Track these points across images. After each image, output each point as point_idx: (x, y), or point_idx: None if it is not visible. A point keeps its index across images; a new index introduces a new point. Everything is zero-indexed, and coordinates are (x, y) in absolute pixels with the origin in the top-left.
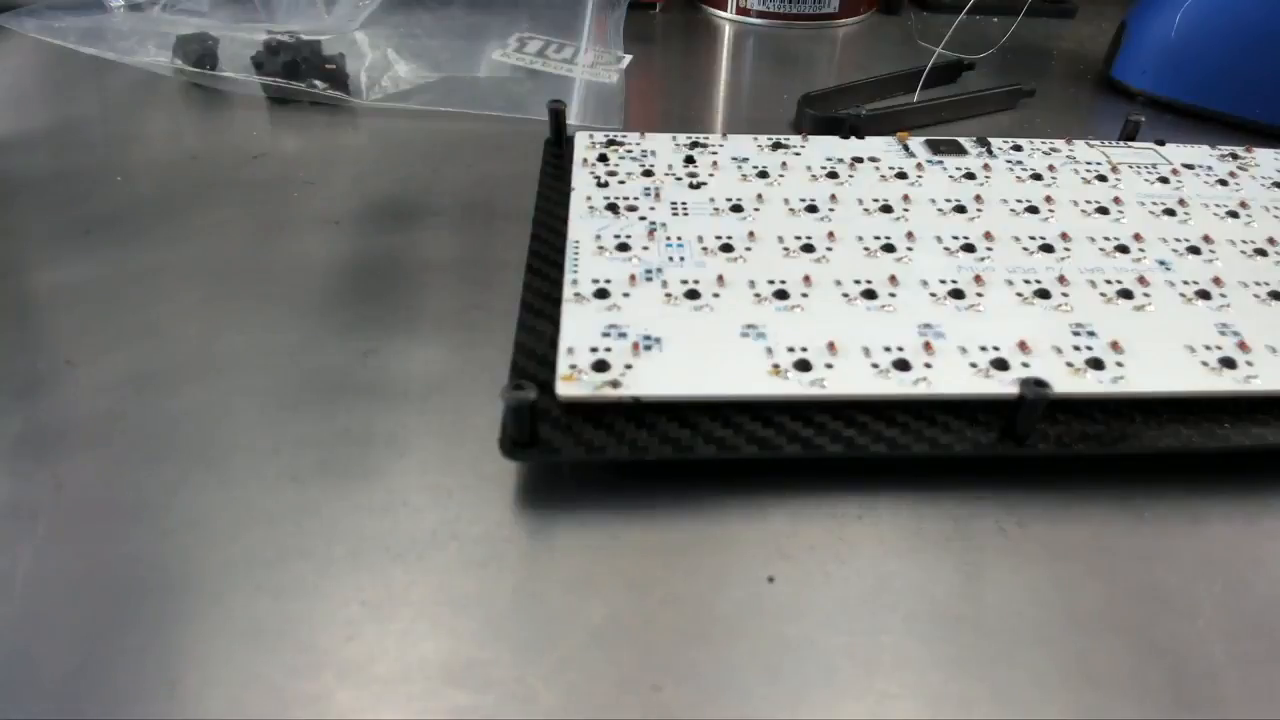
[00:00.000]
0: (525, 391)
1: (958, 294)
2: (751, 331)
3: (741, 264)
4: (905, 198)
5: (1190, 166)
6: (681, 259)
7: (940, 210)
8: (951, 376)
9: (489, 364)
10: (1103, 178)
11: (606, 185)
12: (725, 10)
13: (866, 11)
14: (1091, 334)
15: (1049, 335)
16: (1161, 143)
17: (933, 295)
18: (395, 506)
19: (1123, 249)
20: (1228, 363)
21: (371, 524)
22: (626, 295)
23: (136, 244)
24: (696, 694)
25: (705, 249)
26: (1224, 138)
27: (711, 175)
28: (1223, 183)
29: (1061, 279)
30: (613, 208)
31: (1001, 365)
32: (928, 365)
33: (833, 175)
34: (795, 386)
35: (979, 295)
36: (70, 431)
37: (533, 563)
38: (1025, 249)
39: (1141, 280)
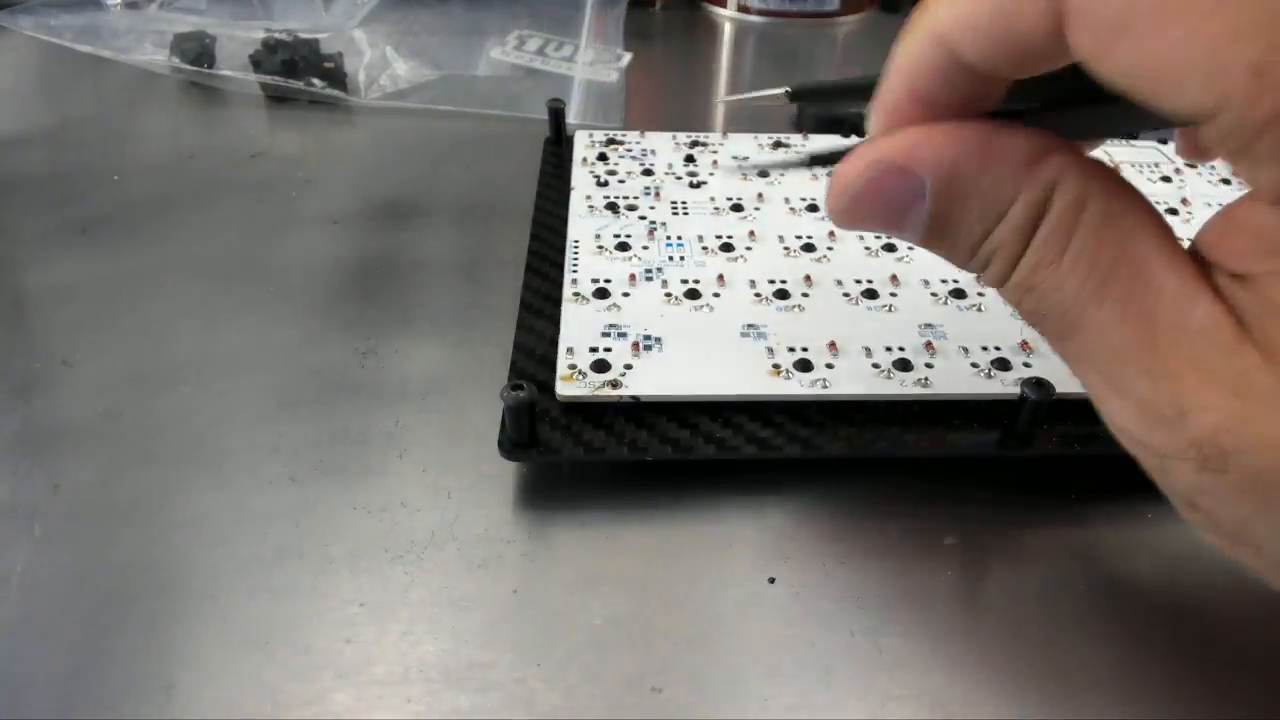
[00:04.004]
0: (524, 392)
1: (959, 294)
2: (752, 331)
3: (742, 263)
4: None
5: (1193, 166)
6: (681, 258)
7: None
8: (953, 377)
9: (488, 364)
10: None
11: (606, 184)
12: (725, 8)
13: (867, 9)
14: None
15: None
16: (1164, 141)
17: (934, 295)
18: (394, 507)
19: None
20: None
21: (370, 524)
22: (626, 295)
23: (133, 243)
24: (697, 695)
25: (705, 248)
26: None
27: (712, 174)
28: (1225, 182)
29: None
30: (613, 207)
31: (1003, 365)
32: (929, 365)
33: None
34: (795, 386)
35: (980, 295)
36: (67, 432)
37: (532, 563)
38: None
39: None
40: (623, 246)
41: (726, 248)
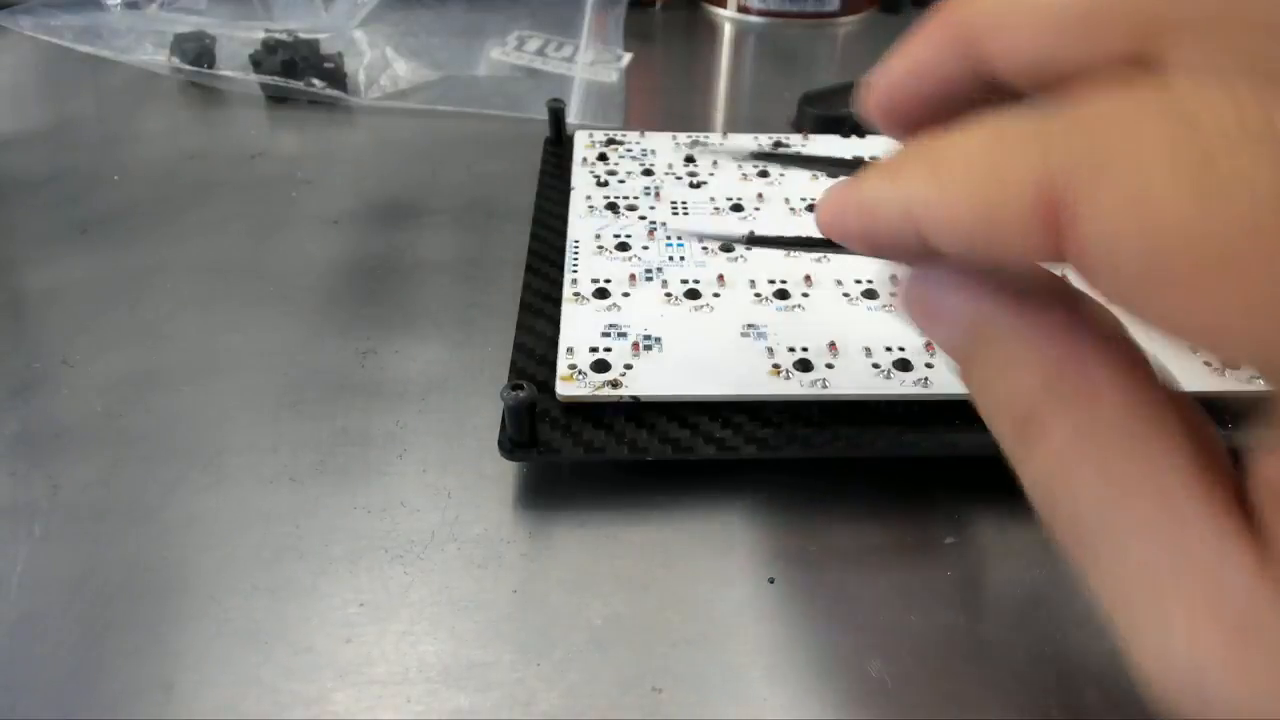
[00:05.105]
0: (524, 392)
1: None
2: (752, 331)
3: (742, 263)
4: None
5: None
6: (681, 258)
7: None
8: (953, 377)
9: (489, 364)
10: None
11: (606, 184)
12: (725, 8)
13: (867, 9)
14: None
15: None
16: None
17: None
18: (394, 507)
19: None
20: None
21: (370, 524)
22: (626, 295)
23: (133, 243)
24: (696, 695)
25: (705, 248)
26: None
27: (712, 174)
28: None
29: (1063, 278)
30: (612, 207)
31: None
32: (929, 365)
33: (834, 174)
34: (795, 386)
35: None
36: (67, 432)
37: (532, 563)
38: None
39: None
40: (623, 246)
41: (726, 248)
